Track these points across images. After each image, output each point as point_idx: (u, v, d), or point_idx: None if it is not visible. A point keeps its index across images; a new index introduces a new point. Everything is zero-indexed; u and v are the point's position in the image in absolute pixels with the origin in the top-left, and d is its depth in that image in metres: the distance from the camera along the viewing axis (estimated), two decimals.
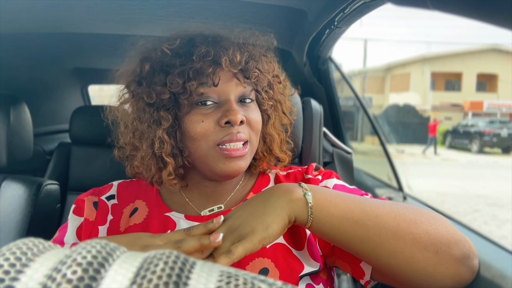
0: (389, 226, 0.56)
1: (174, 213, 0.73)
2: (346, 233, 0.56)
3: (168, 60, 0.67)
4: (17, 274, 0.22)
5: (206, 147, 0.67)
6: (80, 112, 1.86)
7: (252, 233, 0.53)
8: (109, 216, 0.74)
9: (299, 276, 0.65)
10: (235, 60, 0.67)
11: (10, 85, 1.74)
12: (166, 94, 0.67)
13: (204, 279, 0.22)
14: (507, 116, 19.62)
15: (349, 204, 0.57)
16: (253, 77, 0.70)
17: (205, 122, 0.67)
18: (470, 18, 0.35)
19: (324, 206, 0.57)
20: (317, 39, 1.17)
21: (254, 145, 0.72)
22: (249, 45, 0.73)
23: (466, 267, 0.58)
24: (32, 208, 1.11)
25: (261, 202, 0.57)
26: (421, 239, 0.56)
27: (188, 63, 0.66)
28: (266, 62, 0.75)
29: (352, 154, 1.31)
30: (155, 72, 0.68)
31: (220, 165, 0.68)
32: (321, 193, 0.58)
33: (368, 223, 0.56)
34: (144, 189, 0.79)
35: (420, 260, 0.56)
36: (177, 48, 0.68)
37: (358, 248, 0.57)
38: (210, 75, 0.66)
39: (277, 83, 0.78)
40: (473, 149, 15.88)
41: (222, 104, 0.68)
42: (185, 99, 0.67)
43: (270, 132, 0.77)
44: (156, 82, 0.68)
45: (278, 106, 0.79)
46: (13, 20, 1.19)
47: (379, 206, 0.58)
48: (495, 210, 6.10)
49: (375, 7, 0.80)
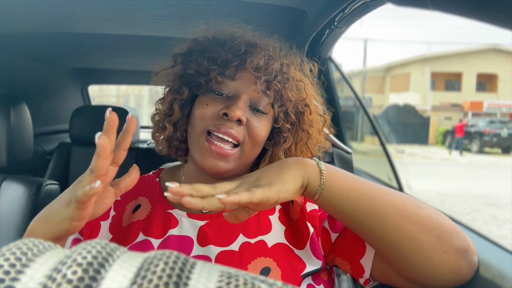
0: (395, 204, 0.57)
1: (176, 211, 0.73)
2: (354, 205, 0.58)
3: (208, 44, 0.73)
4: (17, 275, 0.22)
5: (199, 130, 0.70)
6: (80, 112, 1.86)
7: (269, 184, 0.54)
8: (112, 212, 0.74)
9: (301, 275, 0.65)
10: (259, 64, 0.69)
11: (10, 85, 1.74)
12: (191, 70, 0.71)
13: (204, 279, 0.22)
14: (507, 116, 19.63)
15: (358, 180, 0.60)
16: (273, 90, 0.70)
17: (208, 106, 0.70)
18: (470, 18, 0.35)
19: (335, 175, 0.59)
20: (317, 39, 1.17)
21: (246, 153, 0.71)
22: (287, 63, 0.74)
23: (466, 260, 0.59)
24: (32, 208, 1.11)
25: (277, 165, 0.59)
26: (426, 221, 0.57)
27: (219, 52, 0.70)
28: (300, 86, 0.75)
29: (352, 154, 1.31)
30: (194, 51, 0.74)
31: (201, 156, 0.69)
32: (332, 167, 0.61)
33: (376, 198, 0.57)
34: (147, 186, 0.79)
35: (423, 242, 0.56)
36: (220, 39, 0.73)
37: (365, 222, 0.58)
38: (232, 68, 0.69)
39: (308, 113, 0.76)
40: (473, 149, 15.90)
41: (232, 98, 0.70)
42: (205, 82, 0.71)
43: (280, 155, 0.75)
44: (191, 59, 0.73)
45: (303, 136, 0.76)
46: (13, 20, 1.20)
47: (386, 188, 0.61)
48: (495, 210, 6.11)
49: (375, 7, 0.80)
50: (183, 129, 0.76)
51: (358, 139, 13.53)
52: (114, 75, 2.40)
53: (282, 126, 0.74)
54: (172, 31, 1.27)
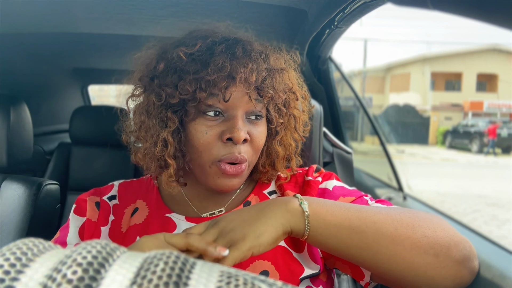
0: (387, 232, 0.55)
1: (174, 214, 0.73)
2: (344, 241, 0.56)
3: (183, 65, 0.65)
4: (17, 274, 0.22)
5: (207, 160, 0.67)
6: (80, 112, 1.86)
7: (242, 240, 0.52)
8: (111, 217, 0.74)
9: (299, 278, 0.65)
10: (250, 79, 0.65)
11: (10, 85, 1.74)
12: (175, 99, 0.65)
13: (204, 279, 0.22)
14: (507, 116, 19.63)
15: (345, 212, 0.57)
16: (266, 97, 0.68)
17: (208, 135, 0.66)
18: (470, 18, 0.35)
19: (320, 214, 0.56)
20: (317, 39, 1.17)
21: (252, 162, 0.71)
22: (270, 61, 0.71)
23: (466, 269, 0.58)
24: (32, 208, 1.11)
25: (256, 211, 0.56)
26: (420, 243, 0.55)
27: (202, 73, 0.64)
28: (285, 79, 0.72)
29: (352, 154, 1.31)
30: (169, 73, 0.67)
31: (216, 180, 0.67)
32: (316, 203, 0.57)
33: (366, 230, 0.55)
34: (145, 189, 0.78)
35: (421, 264, 0.55)
36: (195, 54, 0.66)
37: (357, 255, 0.57)
38: (222, 89, 0.65)
39: (294, 99, 0.75)
40: (473, 149, 15.89)
41: (228, 118, 0.66)
42: (193, 106, 0.66)
43: (276, 148, 0.75)
44: (168, 84, 0.66)
45: (291, 121, 0.76)
46: (13, 20, 1.20)
47: (376, 213, 0.57)
48: (495, 210, 6.11)
49: (375, 7, 0.81)
50: (184, 160, 0.70)
51: (358, 139, 13.52)
52: (114, 75, 2.40)
53: (276, 123, 0.73)
54: (172, 31, 1.27)
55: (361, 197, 0.72)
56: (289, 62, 0.77)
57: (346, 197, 0.72)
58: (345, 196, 0.72)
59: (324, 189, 0.74)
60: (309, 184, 0.75)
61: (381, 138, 1.70)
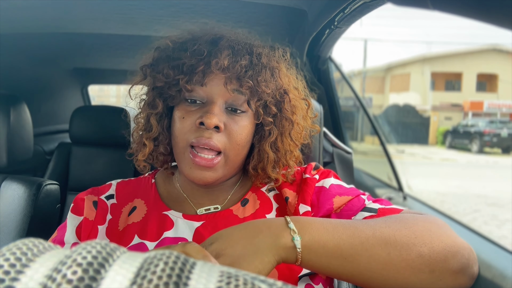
0: (379, 258, 0.54)
1: (172, 212, 0.73)
2: (336, 270, 0.55)
3: (170, 52, 0.71)
4: (17, 275, 0.22)
5: (182, 145, 0.68)
6: (80, 112, 1.86)
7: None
8: (108, 216, 0.74)
9: (298, 276, 0.65)
10: (224, 64, 0.66)
11: (10, 85, 1.74)
12: (160, 82, 0.70)
13: (204, 280, 0.22)
14: (507, 116, 19.62)
15: (338, 241, 0.54)
16: (245, 87, 0.68)
17: (185, 119, 0.68)
18: (470, 18, 0.35)
19: (312, 248, 0.54)
20: (317, 39, 1.17)
21: (231, 158, 0.69)
22: (256, 54, 0.71)
23: (465, 276, 0.57)
24: (32, 208, 1.11)
25: (246, 238, 0.53)
26: (415, 263, 0.54)
27: (183, 58, 0.68)
28: (275, 77, 0.71)
29: (352, 154, 1.31)
30: (159, 60, 0.72)
31: (188, 170, 0.68)
32: (309, 234, 0.54)
33: (358, 259, 0.54)
34: (143, 188, 0.79)
35: (416, 282, 0.55)
36: (181, 43, 0.71)
37: (350, 280, 0.57)
38: (199, 73, 0.67)
39: (287, 101, 0.73)
40: (473, 149, 15.89)
41: (206, 105, 0.68)
42: (177, 91, 0.69)
43: (266, 150, 0.73)
44: (158, 70, 0.71)
45: (287, 126, 0.74)
46: (13, 20, 1.20)
47: (369, 237, 0.55)
48: (495, 210, 6.11)
49: (375, 7, 0.81)
50: (165, 142, 0.74)
51: (358, 139, 13.52)
52: (114, 75, 2.40)
53: (264, 120, 0.72)
54: (172, 31, 1.27)
55: (358, 196, 0.71)
56: (285, 64, 0.77)
57: (342, 196, 0.71)
58: (342, 195, 0.72)
59: (321, 188, 0.74)
60: (306, 182, 0.75)
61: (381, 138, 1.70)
